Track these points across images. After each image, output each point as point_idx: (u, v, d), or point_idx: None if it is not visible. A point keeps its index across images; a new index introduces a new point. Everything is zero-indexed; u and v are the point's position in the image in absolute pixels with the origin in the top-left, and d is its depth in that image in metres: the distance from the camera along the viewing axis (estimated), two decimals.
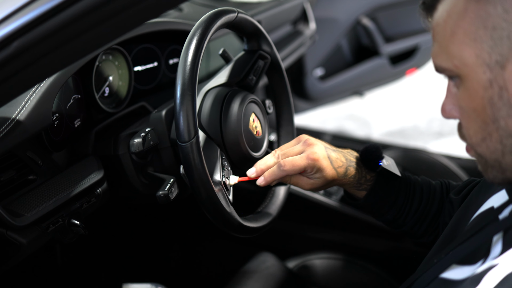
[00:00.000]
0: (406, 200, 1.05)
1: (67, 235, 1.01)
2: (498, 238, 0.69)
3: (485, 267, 0.65)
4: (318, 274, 1.35)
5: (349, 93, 2.90)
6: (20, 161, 0.96)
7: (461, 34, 0.66)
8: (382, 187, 1.04)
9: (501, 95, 0.64)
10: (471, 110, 0.68)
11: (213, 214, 0.95)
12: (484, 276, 0.63)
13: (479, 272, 0.65)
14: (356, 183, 1.04)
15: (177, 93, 0.90)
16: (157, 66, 1.37)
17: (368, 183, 1.04)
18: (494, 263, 0.64)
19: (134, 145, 1.03)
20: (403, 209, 1.05)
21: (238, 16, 1.06)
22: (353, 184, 1.04)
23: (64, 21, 0.67)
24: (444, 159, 1.88)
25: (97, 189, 1.06)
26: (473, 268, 0.70)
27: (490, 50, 0.64)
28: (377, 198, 1.04)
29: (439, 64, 0.71)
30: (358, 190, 1.05)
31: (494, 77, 0.64)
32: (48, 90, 0.95)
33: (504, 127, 0.66)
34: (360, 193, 1.05)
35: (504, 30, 0.63)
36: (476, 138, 0.69)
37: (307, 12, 2.14)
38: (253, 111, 1.11)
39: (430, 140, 3.47)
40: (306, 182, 1.02)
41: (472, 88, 0.67)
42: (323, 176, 1.00)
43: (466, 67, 0.66)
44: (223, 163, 1.02)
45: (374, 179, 1.04)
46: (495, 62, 0.64)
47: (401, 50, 2.80)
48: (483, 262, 0.69)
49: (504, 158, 0.67)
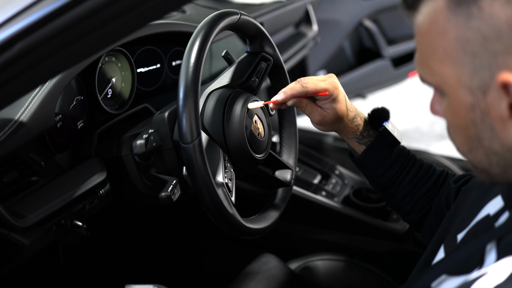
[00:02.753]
0: (402, 168, 1.08)
1: (70, 236, 1.01)
2: (491, 247, 0.67)
3: (475, 276, 0.63)
4: (320, 275, 1.35)
5: (351, 95, 2.89)
6: (23, 163, 0.97)
7: (441, 53, 0.63)
8: (381, 146, 1.08)
9: (483, 119, 0.62)
10: (455, 126, 0.67)
11: (216, 216, 0.95)
12: (474, 283, 0.61)
13: (469, 281, 0.63)
14: (359, 134, 1.09)
15: (180, 94, 0.90)
16: (160, 68, 1.37)
17: (369, 138, 1.09)
18: (483, 272, 0.62)
19: (137, 146, 1.03)
20: (397, 177, 1.08)
21: (240, 18, 1.06)
22: (356, 134, 1.09)
23: (67, 23, 0.67)
24: (446, 161, 1.88)
25: (99, 191, 1.06)
26: (465, 277, 0.68)
27: (471, 74, 0.61)
28: (375, 156, 1.08)
29: (422, 75, 0.68)
30: (358, 144, 1.09)
31: (476, 101, 0.61)
32: (51, 92, 0.95)
33: (488, 147, 0.64)
34: (360, 147, 1.09)
35: (484, 59, 0.59)
36: (463, 148, 0.68)
37: (309, 14, 2.14)
38: (256, 112, 1.11)
39: (432, 142, 3.46)
40: (318, 113, 1.06)
41: (455, 107, 0.64)
42: (335, 109, 1.04)
43: (447, 86, 0.64)
44: (225, 164, 1.02)
45: (375, 136, 1.09)
46: (477, 87, 0.61)
47: (403, 52, 2.80)
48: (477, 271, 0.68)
49: (491, 169, 0.66)
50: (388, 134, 1.07)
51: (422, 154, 1.96)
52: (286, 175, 1.21)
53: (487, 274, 0.61)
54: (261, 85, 1.19)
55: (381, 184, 1.10)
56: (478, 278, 0.62)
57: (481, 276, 0.62)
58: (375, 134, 1.09)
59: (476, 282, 0.61)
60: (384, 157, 1.08)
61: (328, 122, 1.07)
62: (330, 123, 1.07)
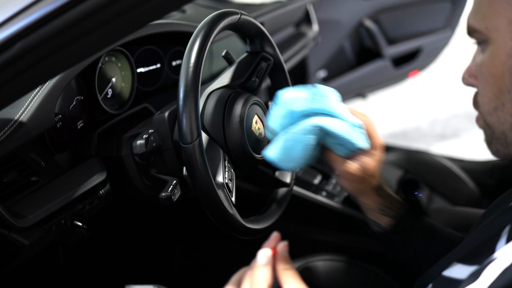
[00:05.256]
0: (425, 242, 1.00)
1: (70, 236, 1.01)
2: (504, 234, 0.68)
3: (485, 262, 0.64)
4: (320, 275, 1.35)
5: (352, 95, 2.89)
6: (23, 163, 0.97)
7: None
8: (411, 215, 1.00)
9: None
10: (490, 76, 0.69)
11: (216, 216, 0.95)
12: (484, 270, 0.62)
13: (480, 267, 0.64)
14: (384, 206, 1.00)
15: (180, 94, 0.90)
16: (160, 68, 1.37)
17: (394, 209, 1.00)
18: (494, 257, 0.63)
19: (137, 146, 1.03)
20: (421, 254, 0.99)
21: (241, 18, 1.06)
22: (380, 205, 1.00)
23: (66, 23, 0.67)
24: (447, 161, 1.88)
25: (99, 191, 1.06)
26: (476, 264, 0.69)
27: None
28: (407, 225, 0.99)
29: (472, 24, 0.71)
30: (382, 216, 1.01)
31: None
32: (51, 92, 0.95)
33: None
34: (384, 219, 1.01)
35: None
36: (489, 106, 0.70)
37: (310, 14, 2.14)
38: (256, 112, 1.11)
39: (432, 142, 3.46)
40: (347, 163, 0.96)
41: (497, 53, 0.67)
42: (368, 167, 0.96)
43: (496, 31, 0.67)
44: (225, 164, 1.02)
45: (400, 207, 1.00)
46: None
47: (404, 52, 2.80)
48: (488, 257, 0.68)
49: (511, 132, 0.68)
50: (418, 205, 1.00)
51: (423, 154, 1.96)
52: (286, 176, 1.21)
53: (497, 259, 0.62)
54: (261, 85, 1.18)
55: (404, 259, 1.02)
56: (488, 264, 0.63)
57: (491, 262, 0.63)
58: (402, 205, 1.01)
59: (486, 268, 0.62)
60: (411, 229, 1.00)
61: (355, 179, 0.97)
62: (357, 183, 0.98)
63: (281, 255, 0.76)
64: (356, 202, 1.55)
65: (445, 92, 4.16)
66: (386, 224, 1.01)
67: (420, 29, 2.78)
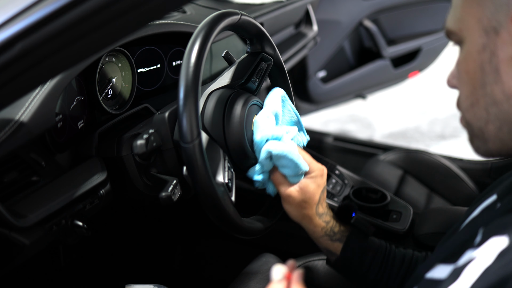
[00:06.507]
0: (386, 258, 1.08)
1: (70, 236, 1.01)
2: (480, 232, 0.69)
3: (464, 260, 0.65)
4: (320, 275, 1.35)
5: (351, 95, 2.89)
6: (24, 163, 0.97)
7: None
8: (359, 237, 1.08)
9: (491, 60, 0.67)
10: (465, 73, 0.71)
11: (216, 215, 0.96)
12: (463, 270, 0.63)
13: (459, 266, 0.65)
14: (330, 230, 1.08)
15: (180, 94, 0.91)
16: (160, 68, 1.37)
17: (342, 233, 1.09)
18: (473, 256, 0.64)
19: (137, 146, 1.03)
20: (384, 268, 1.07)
21: (241, 18, 1.06)
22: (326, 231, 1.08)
23: (67, 23, 0.67)
24: (446, 161, 1.88)
25: (100, 190, 1.06)
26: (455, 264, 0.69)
27: (490, 15, 0.67)
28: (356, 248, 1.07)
29: (448, 26, 0.74)
30: (332, 242, 1.09)
31: (488, 42, 0.67)
32: (52, 92, 0.95)
33: (490, 94, 0.68)
34: (335, 245, 1.09)
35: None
36: (466, 103, 0.72)
37: (310, 14, 2.14)
38: (256, 113, 1.11)
39: (432, 142, 3.47)
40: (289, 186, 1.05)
41: (469, 51, 0.70)
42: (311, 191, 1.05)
43: (467, 30, 0.70)
44: (225, 164, 1.02)
45: (348, 230, 1.09)
46: (492, 28, 0.67)
47: (403, 52, 2.80)
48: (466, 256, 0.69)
49: (487, 127, 0.70)
50: (361, 224, 1.08)
51: (422, 153, 1.96)
52: None
53: (476, 259, 0.63)
54: (261, 86, 1.19)
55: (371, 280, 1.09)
56: (468, 263, 0.63)
57: (470, 262, 0.63)
58: (347, 228, 1.10)
59: (466, 268, 0.62)
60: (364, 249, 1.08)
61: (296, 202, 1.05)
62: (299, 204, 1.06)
63: (296, 279, 0.80)
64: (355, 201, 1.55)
65: (444, 92, 4.16)
66: (335, 249, 1.09)
67: (420, 29, 2.78)
